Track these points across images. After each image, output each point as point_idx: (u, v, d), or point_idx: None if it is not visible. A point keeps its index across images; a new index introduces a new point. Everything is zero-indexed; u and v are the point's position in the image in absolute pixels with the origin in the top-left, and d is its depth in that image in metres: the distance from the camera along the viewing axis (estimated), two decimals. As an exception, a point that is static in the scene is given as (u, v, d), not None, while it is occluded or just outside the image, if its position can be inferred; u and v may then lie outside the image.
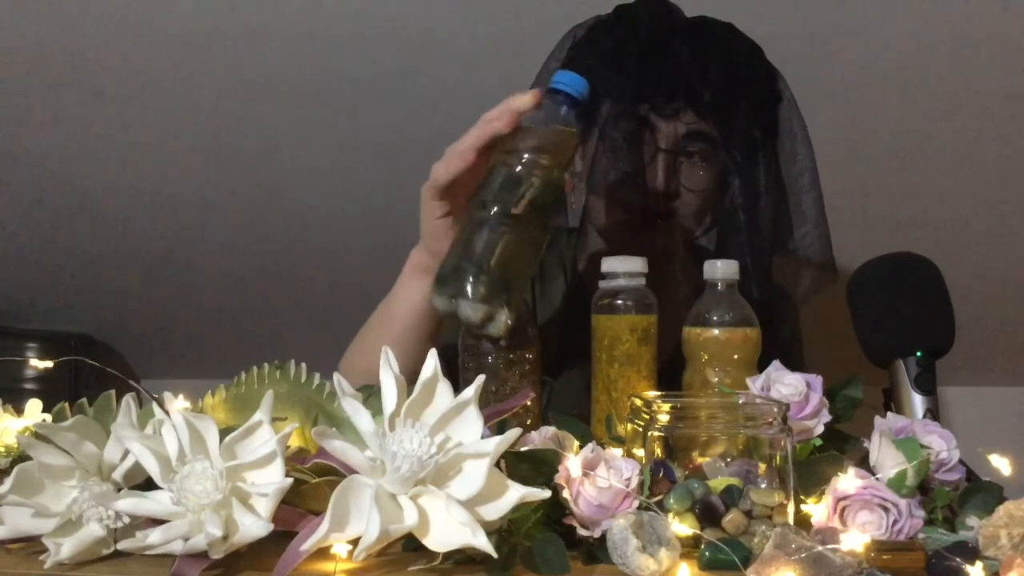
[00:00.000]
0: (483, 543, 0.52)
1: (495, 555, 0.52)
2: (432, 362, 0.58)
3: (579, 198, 1.04)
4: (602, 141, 0.98)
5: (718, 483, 0.62)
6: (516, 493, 0.54)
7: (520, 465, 0.60)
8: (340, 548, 0.53)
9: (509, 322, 0.74)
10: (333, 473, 0.57)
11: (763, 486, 0.62)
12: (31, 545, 0.60)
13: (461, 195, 0.80)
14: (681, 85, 0.95)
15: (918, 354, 0.81)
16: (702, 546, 0.56)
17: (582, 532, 0.58)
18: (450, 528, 0.53)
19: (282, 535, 0.55)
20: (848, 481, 0.60)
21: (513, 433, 0.55)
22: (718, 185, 1.00)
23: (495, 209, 0.74)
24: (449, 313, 0.74)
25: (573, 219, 1.10)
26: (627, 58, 0.97)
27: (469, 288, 0.72)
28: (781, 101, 1.01)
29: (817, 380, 0.71)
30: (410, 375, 0.59)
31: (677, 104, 0.96)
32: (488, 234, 0.74)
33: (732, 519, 0.59)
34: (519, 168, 0.75)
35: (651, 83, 0.96)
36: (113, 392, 0.67)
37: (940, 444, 0.65)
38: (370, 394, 0.63)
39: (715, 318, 0.79)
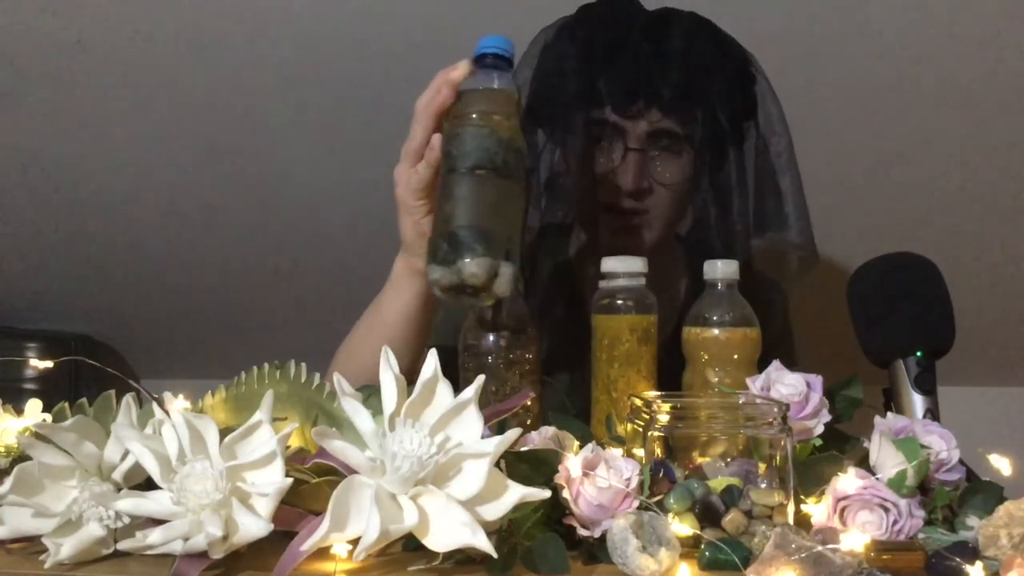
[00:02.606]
0: (483, 543, 0.52)
1: (495, 555, 0.52)
2: (432, 362, 0.58)
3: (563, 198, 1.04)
4: (571, 147, 0.99)
5: (718, 483, 0.62)
6: (516, 493, 0.54)
7: (520, 465, 0.60)
8: (340, 548, 0.53)
9: (514, 276, 0.72)
10: (333, 473, 0.57)
11: (763, 486, 0.62)
12: (31, 545, 0.60)
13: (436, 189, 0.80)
14: (642, 85, 0.96)
15: (918, 354, 0.81)
16: (702, 546, 0.56)
17: (582, 532, 0.58)
18: (450, 528, 0.53)
19: (282, 535, 0.55)
20: (848, 481, 0.60)
21: (513, 433, 0.55)
22: (694, 176, 1.01)
23: (464, 167, 0.74)
24: (451, 284, 0.72)
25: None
26: (588, 62, 0.97)
27: (467, 248, 0.71)
28: (755, 82, 1.01)
29: (817, 380, 0.71)
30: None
31: (638, 105, 0.97)
32: (467, 193, 0.73)
33: (732, 519, 0.59)
34: (471, 127, 0.75)
35: (612, 86, 0.97)
36: (113, 392, 0.67)
37: (940, 444, 0.65)
38: (370, 394, 0.63)
39: (715, 318, 0.79)
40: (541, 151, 1.02)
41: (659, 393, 0.72)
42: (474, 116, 0.76)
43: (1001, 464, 0.63)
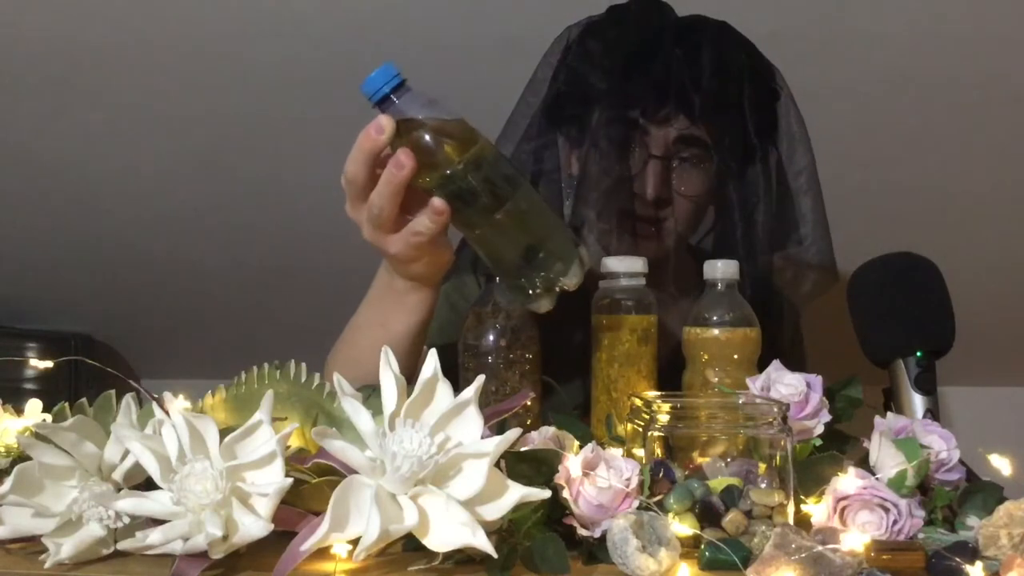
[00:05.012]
0: (483, 543, 0.52)
1: (495, 555, 0.52)
2: (432, 362, 0.58)
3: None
4: (593, 148, 0.97)
5: (718, 483, 0.62)
6: (516, 493, 0.54)
7: (520, 465, 0.60)
8: (340, 548, 0.53)
9: (584, 252, 0.77)
10: (333, 473, 0.57)
11: (763, 486, 0.62)
12: (31, 545, 0.60)
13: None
14: (671, 90, 0.94)
15: (918, 354, 0.81)
16: (702, 546, 0.56)
17: (582, 532, 0.58)
18: (450, 528, 0.53)
19: (282, 535, 0.55)
20: (848, 481, 0.60)
21: (513, 433, 0.55)
22: (714, 189, 0.99)
23: (491, 210, 0.73)
24: (554, 302, 0.77)
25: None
26: (617, 63, 0.96)
27: (555, 274, 0.75)
28: (779, 99, 1.00)
29: (817, 380, 0.71)
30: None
31: (667, 110, 0.95)
32: (511, 229, 0.74)
33: (732, 519, 0.59)
34: (465, 179, 0.73)
35: (641, 88, 0.95)
36: (113, 392, 0.67)
37: (940, 444, 0.65)
38: (370, 394, 0.63)
39: (715, 318, 0.79)
40: (561, 151, 1.01)
41: (659, 393, 0.72)
42: (457, 165, 0.72)
43: (1001, 464, 0.63)
